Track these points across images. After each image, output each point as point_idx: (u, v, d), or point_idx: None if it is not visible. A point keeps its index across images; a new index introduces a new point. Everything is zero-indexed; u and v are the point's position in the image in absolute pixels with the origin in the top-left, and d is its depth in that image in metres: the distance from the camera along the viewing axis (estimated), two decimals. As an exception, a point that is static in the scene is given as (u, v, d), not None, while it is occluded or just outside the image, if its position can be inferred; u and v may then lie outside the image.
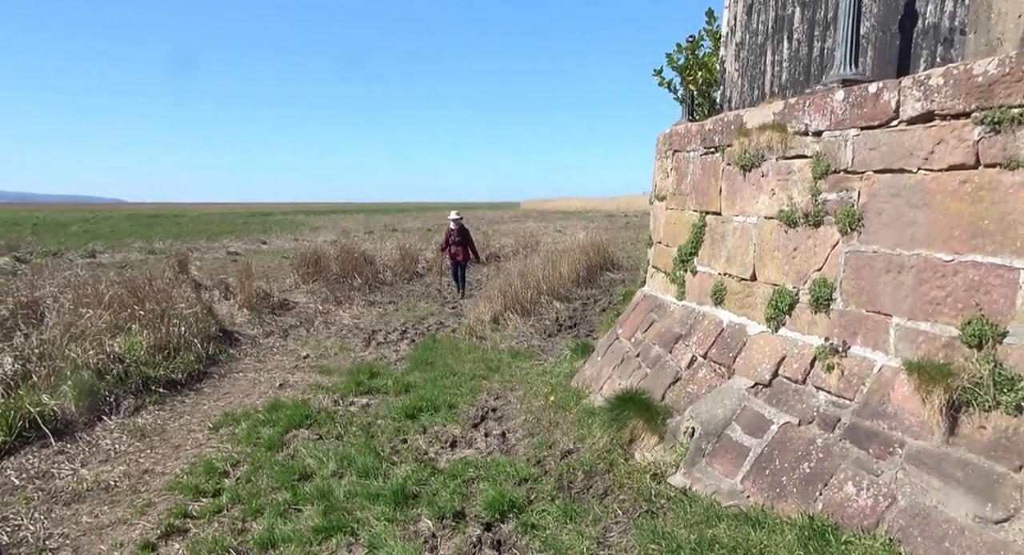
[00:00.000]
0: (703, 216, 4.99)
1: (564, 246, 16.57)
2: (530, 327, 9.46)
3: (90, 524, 3.77)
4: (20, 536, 3.64)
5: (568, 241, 18.67)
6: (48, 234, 28.80)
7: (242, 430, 5.22)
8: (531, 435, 5.06)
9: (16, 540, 3.59)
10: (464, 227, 12.85)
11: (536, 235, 24.76)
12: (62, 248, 20.99)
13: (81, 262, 17.82)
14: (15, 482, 4.28)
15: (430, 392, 6.10)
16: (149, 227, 35.77)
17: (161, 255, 18.88)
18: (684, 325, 4.99)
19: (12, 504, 3.99)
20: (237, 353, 7.93)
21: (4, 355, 6.19)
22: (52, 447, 4.79)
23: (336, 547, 3.47)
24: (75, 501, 4.05)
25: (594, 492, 4.03)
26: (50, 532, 3.68)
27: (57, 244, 22.72)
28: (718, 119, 4.86)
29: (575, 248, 15.67)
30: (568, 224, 36.86)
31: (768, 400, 3.86)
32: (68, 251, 20.18)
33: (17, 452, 4.67)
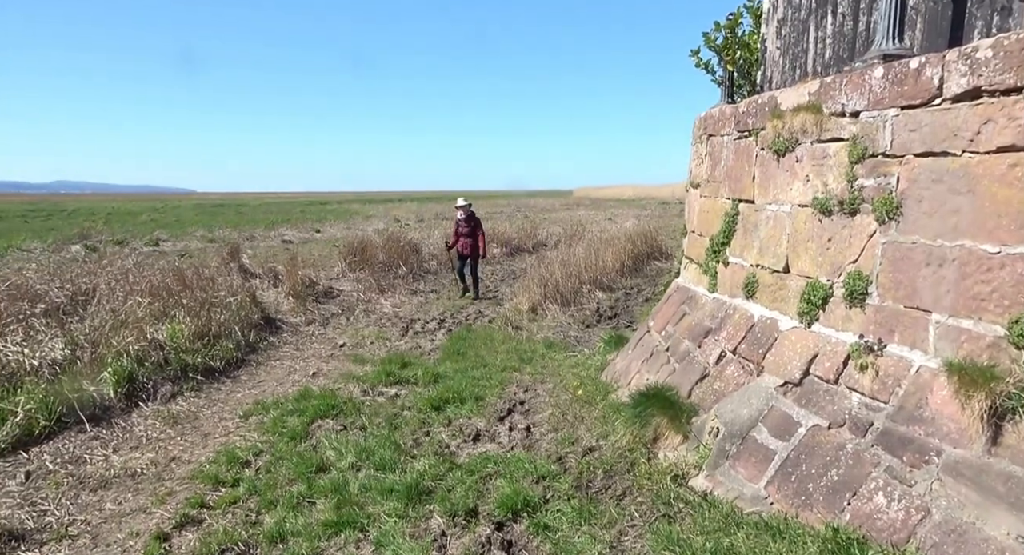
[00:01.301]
0: (736, 204, 4.73)
1: (610, 235, 16.29)
2: (569, 317, 9.32)
3: (112, 511, 3.89)
4: (45, 521, 3.79)
5: (615, 229, 18.36)
6: (119, 223, 30.25)
7: (270, 419, 5.31)
8: (555, 430, 4.95)
9: (41, 525, 3.74)
10: (474, 215, 11.47)
11: (585, 223, 24.47)
12: (129, 236, 22.00)
13: (145, 250, 18.65)
14: (49, 467, 4.47)
15: (459, 384, 6.05)
16: (212, 216, 37.15)
17: (220, 243, 19.53)
18: (715, 319, 4.76)
19: (43, 489, 4.16)
20: (277, 341, 8.10)
21: (56, 341, 6.49)
22: (88, 433, 4.99)
23: (344, 543, 3.45)
24: (102, 487, 4.19)
25: (612, 493, 3.89)
26: (74, 518, 3.82)
27: (125, 233, 23.82)
28: (752, 100, 4.58)
29: (621, 236, 15.37)
30: (620, 212, 36.32)
31: (797, 400, 3.63)
32: (134, 239, 21.13)
33: (55, 437, 4.89)
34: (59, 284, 9.26)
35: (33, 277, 9.64)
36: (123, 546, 3.48)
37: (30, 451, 4.67)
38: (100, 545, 3.52)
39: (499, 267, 15.18)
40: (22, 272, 9.86)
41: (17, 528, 3.64)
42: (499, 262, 15.86)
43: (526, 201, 58.04)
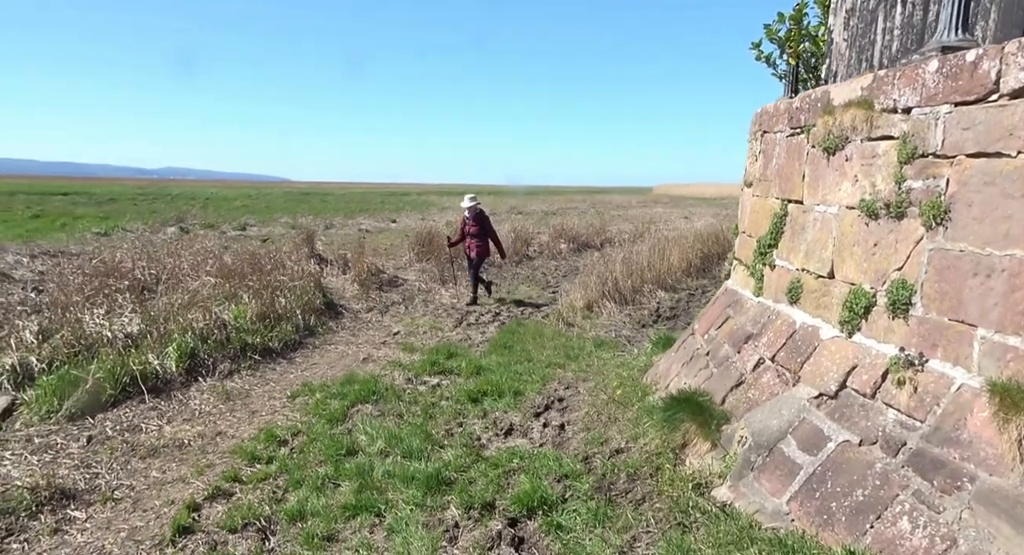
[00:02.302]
0: (785, 204, 4.50)
1: (679, 233, 15.88)
2: (625, 316, 9.17)
3: (155, 479, 4.17)
4: (95, 484, 4.10)
5: (685, 228, 17.88)
6: (215, 208, 32.22)
7: (314, 401, 5.52)
8: (587, 429, 4.89)
9: (91, 487, 4.06)
10: (483, 213, 10.34)
11: (657, 221, 23.98)
12: (220, 221, 23.40)
13: (232, 234, 19.81)
14: (108, 433, 4.84)
15: (500, 377, 6.08)
16: (298, 203, 38.90)
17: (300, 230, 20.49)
18: (757, 324, 4.56)
19: (99, 453, 4.51)
20: (335, 325, 8.41)
21: (134, 316, 7.01)
22: (147, 403, 5.37)
23: (359, 527, 3.55)
24: (151, 455, 4.49)
25: (632, 497, 3.81)
26: (120, 483, 4.11)
27: (218, 217, 25.35)
28: (806, 96, 4.34)
29: (689, 235, 14.96)
30: (698, 210, 35.34)
31: (830, 414, 3.43)
32: (224, 223, 22.46)
33: (119, 405, 5.29)
34: (145, 263, 10.00)
35: (124, 255, 10.46)
36: (158, 513, 3.73)
37: (96, 417, 5.09)
38: (138, 510, 3.78)
39: (563, 263, 15.12)
40: (115, 250, 10.72)
41: (70, 488, 3.97)
42: (564, 258, 15.80)
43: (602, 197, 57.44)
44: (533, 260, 15.40)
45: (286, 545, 3.41)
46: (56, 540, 3.49)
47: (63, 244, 14.70)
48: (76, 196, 38.87)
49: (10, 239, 15.32)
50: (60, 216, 24.31)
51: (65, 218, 23.46)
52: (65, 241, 15.52)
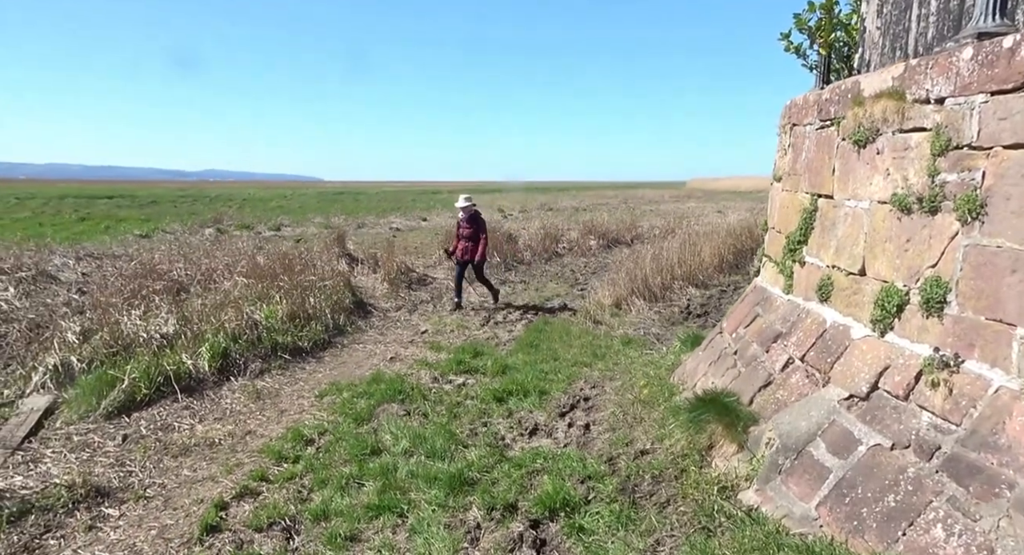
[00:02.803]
0: (815, 199, 4.37)
1: (711, 228, 15.63)
2: (654, 314, 9.06)
3: (186, 477, 4.26)
4: (129, 481, 4.21)
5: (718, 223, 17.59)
6: (251, 209, 32.86)
7: (341, 400, 5.58)
8: (613, 430, 4.84)
9: (124, 485, 4.17)
10: (478, 216, 9.63)
11: (689, 216, 23.65)
12: (256, 221, 23.84)
13: (267, 234, 20.18)
14: (142, 432, 4.97)
15: (525, 376, 6.06)
16: (332, 203, 39.43)
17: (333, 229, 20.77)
18: (786, 322, 4.44)
19: (133, 451, 4.63)
20: (364, 324, 8.49)
21: (170, 316, 7.19)
22: (180, 402, 5.50)
23: (381, 527, 3.57)
24: (182, 454, 4.60)
25: (656, 500, 3.75)
26: (153, 481, 4.22)
27: (254, 218, 25.83)
28: (835, 87, 4.20)
29: (722, 230, 14.70)
30: (732, 205, 34.77)
31: (861, 416, 3.31)
32: (260, 224, 22.87)
33: (153, 404, 5.42)
34: (182, 264, 10.26)
35: (162, 257, 10.74)
36: (187, 511, 3.81)
37: (131, 416, 5.23)
38: (169, 508, 3.87)
39: (593, 260, 15.02)
40: (153, 252, 11.01)
41: (105, 486, 4.09)
42: (593, 255, 15.70)
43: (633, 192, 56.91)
44: (562, 257, 15.33)
45: (310, 545, 3.45)
46: (91, 537, 3.59)
47: (107, 246, 15.15)
48: (120, 199, 40.10)
49: (58, 241, 15.86)
50: (105, 219, 25.10)
51: (109, 221, 24.22)
52: (108, 243, 16.01)
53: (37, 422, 5.10)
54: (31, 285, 9.62)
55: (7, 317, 7.69)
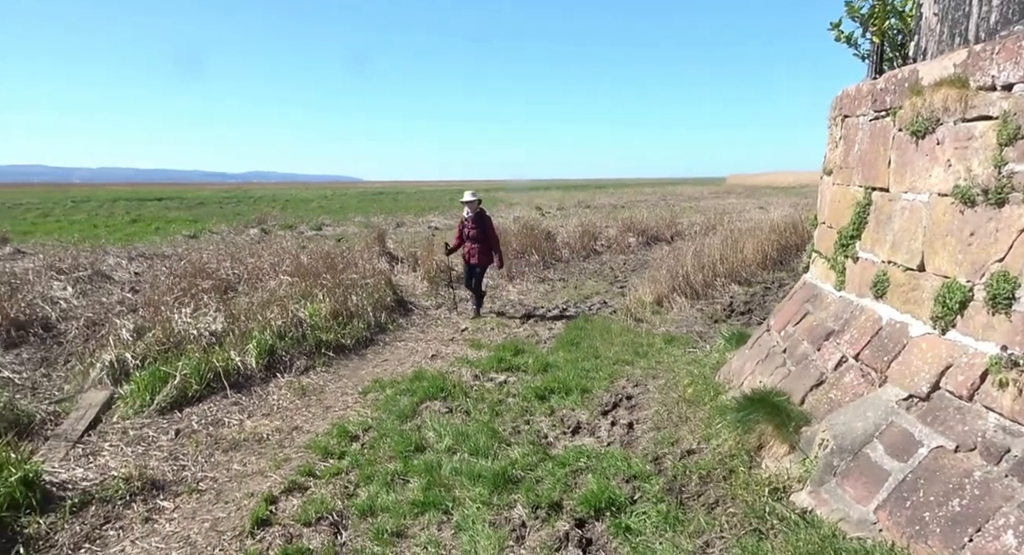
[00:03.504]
0: (868, 193, 4.22)
1: (753, 224, 15.30)
2: (696, 311, 8.92)
3: (237, 472, 4.37)
4: (182, 475, 4.34)
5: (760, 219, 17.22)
6: (293, 209, 33.53)
7: (384, 397, 5.64)
8: (657, 429, 4.77)
9: (178, 478, 4.29)
10: (484, 213, 8.99)
11: (731, 212, 23.22)
12: (298, 221, 24.33)
13: (309, 234, 20.55)
14: (194, 426, 5.11)
15: (567, 374, 6.02)
16: (371, 203, 39.95)
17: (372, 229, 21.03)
18: (838, 320, 4.30)
19: (186, 446, 4.77)
20: (405, 322, 8.57)
21: (218, 315, 7.38)
22: (229, 398, 5.64)
23: (427, 524, 3.59)
24: (232, 449, 4.71)
25: (704, 500, 3.68)
26: (205, 475, 4.33)
27: (296, 218, 26.36)
28: (891, 76, 4.04)
29: (765, 226, 14.38)
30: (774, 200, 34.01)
31: (921, 417, 3.18)
32: (302, 224, 23.33)
33: (204, 400, 5.58)
34: (229, 263, 10.52)
35: (209, 257, 11.04)
36: (238, 505, 3.89)
37: (183, 411, 5.39)
38: (220, 502, 3.96)
39: (632, 257, 14.86)
40: (201, 252, 11.32)
41: (159, 479, 4.22)
42: (632, 252, 15.53)
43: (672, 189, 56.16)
44: (601, 254, 15.22)
45: (357, 540, 3.49)
46: (147, 528, 3.70)
47: (157, 246, 15.67)
48: (169, 201, 41.41)
49: (112, 242, 16.47)
50: (155, 220, 25.96)
51: (159, 222, 25.03)
52: (159, 243, 16.55)
53: (95, 416, 5.29)
54: (87, 284, 10.01)
55: (66, 315, 8.02)
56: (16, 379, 6.15)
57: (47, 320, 7.73)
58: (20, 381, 6.12)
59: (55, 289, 9.39)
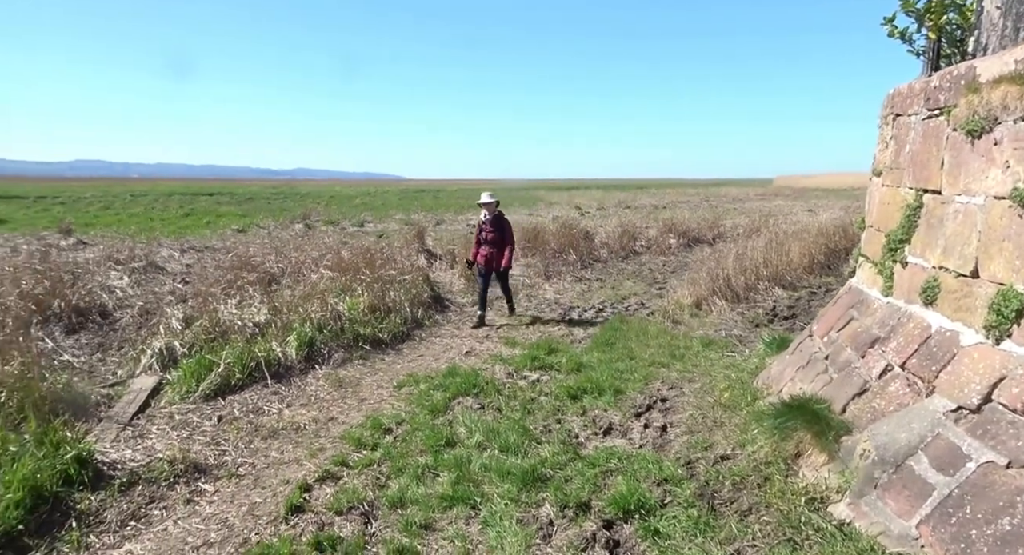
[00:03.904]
0: (919, 195, 4.06)
1: (800, 227, 14.91)
2: (737, 315, 8.74)
3: (274, 459, 4.47)
4: (223, 460, 4.47)
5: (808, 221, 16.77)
6: (337, 205, 34.13)
7: (418, 392, 5.70)
8: (691, 433, 4.69)
9: (219, 463, 4.42)
10: (502, 216, 8.53)
11: (777, 214, 22.68)
12: (341, 217, 24.79)
13: (351, 230, 20.92)
14: (236, 414, 5.26)
15: (600, 374, 5.98)
16: (412, 200, 40.40)
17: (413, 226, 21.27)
18: (884, 326, 4.15)
19: (227, 432, 4.91)
20: (442, 318, 8.64)
21: (263, 307, 7.57)
22: (270, 388, 5.79)
23: (455, 518, 3.61)
24: (271, 437, 4.83)
25: (737, 507, 3.60)
26: (244, 461, 4.45)
27: (339, 214, 26.85)
28: (946, 73, 3.88)
29: (812, 229, 14.00)
30: (823, 203, 33.11)
31: (971, 430, 3.05)
32: (344, 220, 23.77)
33: (246, 389, 5.74)
34: (274, 257, 10.79)
35: (256, 250, 11.34)
36: (274, 491, 3.99)
37: (226, 398, 5.56)
38: (258, 487, 4.07)
39: (672, 259, 14.66)
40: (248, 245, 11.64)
41: (202, 463, 4.36)
42: (673, 253, 15.32)
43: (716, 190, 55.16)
44: (640, 255, 15.06)
45: (386, 530, 3.53)
46: (188, 509, 3.83)
47: (207, 239, 16.19)
48: (220, 196, 42.73)
49: (166, 235, 17.09)
50: (206, 214, 26.82)
51: (210, 216, 25.84)
52: (209, 237, 17.10)
53: (145, 401, 5.50)
54: (142, 275, 10.41)
55: (122, 304, 8.36)
56: (75, 363, 6.43)
57: (104, 308, 8.07)
58: (78, 365, 6.39)
59: (112, 279, 9.81)
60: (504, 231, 8.42)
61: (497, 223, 8.43)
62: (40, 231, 16.36)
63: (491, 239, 8.38)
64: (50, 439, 4.05)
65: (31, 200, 33.82)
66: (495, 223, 8.42)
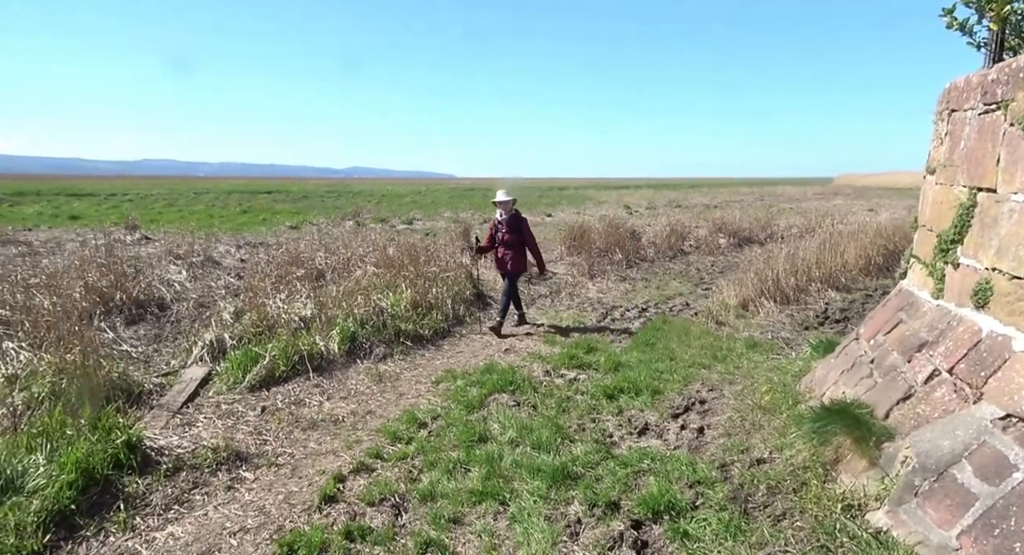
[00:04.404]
0: (973, 193, 3.86)
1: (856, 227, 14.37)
2: (785, 317, 8.51)
3: (312, 450, 4.61)
4: (264, 449, 4.63)
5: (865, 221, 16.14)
6: (388, 204, 34.74)
7: (455, 387, 5.77)
8: (728, 435, 4.60)
9: (260, 451, 4.58)
10: (520, 216, 7.98)
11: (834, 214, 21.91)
12: (391, 215, 25.24)
13: (400, 227, 21.27)
14: (278, 405, 5.44)
15: (639, 374, 5.92)
16: (461, 199, 40.75)
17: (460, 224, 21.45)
18: (933, 330, 3.97)
19: (269, 422, 5.08)
20: (483, 316, 8.70)
21: (309, 302, 7.80)
22: (311, 380, 5.96)
23: (483, 513, 3.64)
24: (310, 428, 4.97)
25: (771, 512, 3.52)
26: (284, 450, 4.60)
27: (390, 212, 27.34)
28: (1003, 65, 3.68)
29: (870, 230, 13.48)
30: (886, 202, 31.85)
31: (1019, 439, 2.89)
32: (393, 218, 24.19)
33: (289, 381, 5.93)
34: (323, 253, 11.08)
35: (306, 246, 11.67)
36: (311, 481, 4.11)
37: (270, 389, 5.76)
38: (295, 476, 4.20)
39: (721, 259, 14.36)
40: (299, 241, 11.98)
41: (243, 451, 4.53)
42: (722, 253, 15.01)
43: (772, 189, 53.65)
44: (688, 255, 14.81)
45: (416, 523, 3.60)
46: (229, 496, 3.98)
47: (262, 236, 16.75)
48: (276, 194, 44.10)
49: (224, 231, 17.76)
50: (263, 211, 27.74)
51: (266, 213, 26.72)
52: (264, 233, 17.68)
53: (194, 390, 5.74)
54: (199, 269, 10.87)
55: (179, 297, 8.75)
56: (132, 353, 6.77)
57: (162, 300, 8.46)
58: (135, 355, 6.73)
59: (171, 272, 10.27)
60: (522, 232, 7.89)
61: (514, 223, 7.90)
62: (108, 226, 17.24)
63: (508, 240, 7.87)
64: (103, 424, 4.29)
65: (103, 197, 35.74)
66: (512, 223, 7.88)
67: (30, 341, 5.98)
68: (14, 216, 23.16)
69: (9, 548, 3.25)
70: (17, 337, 6.08)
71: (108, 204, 30.68)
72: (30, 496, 3.60)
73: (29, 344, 5.90)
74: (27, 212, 25.22)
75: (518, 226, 7.89)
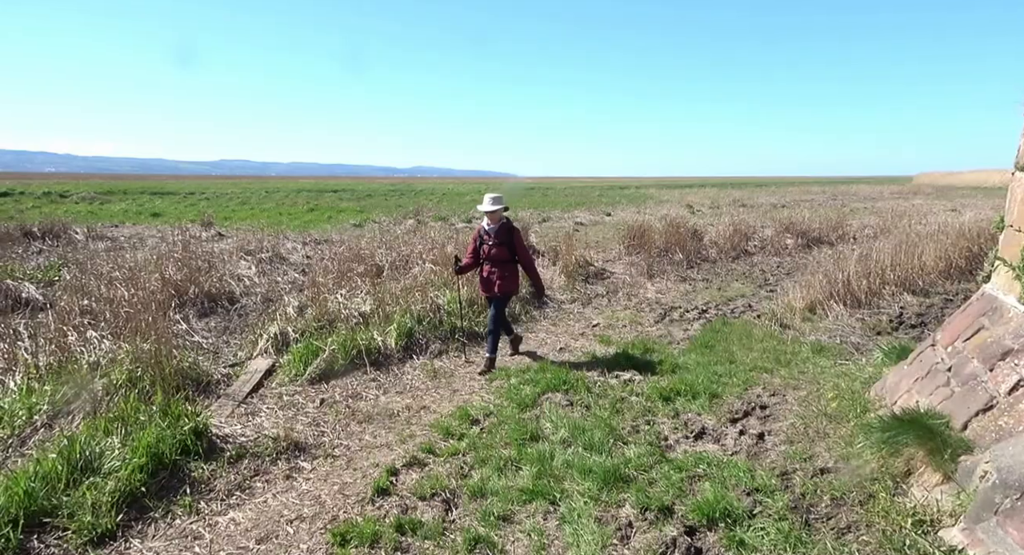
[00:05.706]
0: (1068, 189, 3.57)
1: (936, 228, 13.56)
2: (856, 320, 8.11)
3: (367, 442, 4.68)
4: (321, 440, 4.74)
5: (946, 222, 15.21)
6: (448, 203, 35.19)
7: (508, 385, 5.76)
8: (790, 442, 4.42)
9: (317, 443, 4.69)
10: (511, 226, 6.40)
11: (912, 214, 20.78)
12: (450, 214, 25.52)
13: (459, 226, 21.48)
14: (336, 398, 5.57)
15: (696, 377, 5.76)
16: (521, 198, 40.78)
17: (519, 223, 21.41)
18: (1019, 337, 3.69)
19: (327, 414, 5.20)
20: (539, 314, 8.67)
21: (368, 298, 7.97)
22: (369, 375, 6.08)
23: (533, 512, 3.61)
24: (366, 421, 5.06)
25: (835, 524, 3.36)
26: (340, 442, 4.69)
27: (450, 211, 27.67)
28: (1105, 49, 3.38)
29: (951, 230, 12.70)
30: (971, 202, 29.99)
31: (1117, 459, 2.65)
32: (453, 216, 24.46)
33: (347, 374, 6.07)
34: (383, 250, 11.32)
35: (367, 243, 11.94)
36: (364, 473, 4.18)
37: (329, 382, 5.91)
38: (350, 468, 4.28)
39: (787, 260, 13.82)
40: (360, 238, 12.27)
41: (302, 442, 4.65)
42: (789, 254, 14.44)
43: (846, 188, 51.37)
44: (752, 255, 14.33)
45: (465, 519, 3.60)
46: (287, 485, 4.10)
47: (327, 233, 17.26)
48: (342, 192, 45.36)
49: (292, 229, 18.40)
50: (329, 209, 28.59)
51: (332, 211, 27.52)
52: (329, 231, 18.21)
53: (259, 381, 5.95)
54: (267, 265, 11.30)
55: (248, 291, 9.12)
56: (203, 344, 7.08)
57: (232, 294, 8.84)
58: (206, 346, 7.04)
59: (241, 268, 10.72)
60: (512, 245, 6.38)
61: (504, 235, 6.36)
62: (186, 224, 18.14)
63: (495, 255, 6.34)
64: (173, 411, 4.50)
65: (182, 196, 37.68)
66: (500, 234, 6.35)
67: (111, 330, 6.35)
68: (103, 213, 24.73)
69: (86, 526, 3.45)
70: (100, 327, 6.46)
71: (187, 202, 32.32)
72: (106, 477, 3.81)
73: (111, 333, 6.27)
74: (114, 209, 26.90)
75: (509, 238, 6.37)
